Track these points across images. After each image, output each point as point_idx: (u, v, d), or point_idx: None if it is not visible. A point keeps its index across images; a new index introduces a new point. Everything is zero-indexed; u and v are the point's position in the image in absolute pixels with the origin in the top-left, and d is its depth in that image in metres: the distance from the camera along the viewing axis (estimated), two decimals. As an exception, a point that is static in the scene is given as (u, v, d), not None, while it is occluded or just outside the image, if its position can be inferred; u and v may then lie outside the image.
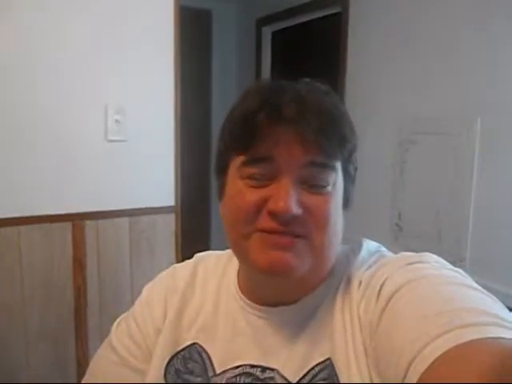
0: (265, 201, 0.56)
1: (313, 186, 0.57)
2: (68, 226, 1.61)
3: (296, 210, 0.54)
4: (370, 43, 2.39)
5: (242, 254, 0.61)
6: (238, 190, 0.58)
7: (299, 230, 0.56)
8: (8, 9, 1.47)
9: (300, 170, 0.56)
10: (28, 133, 1.54)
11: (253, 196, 0.57)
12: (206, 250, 0.80)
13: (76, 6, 1.58)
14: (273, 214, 0.55)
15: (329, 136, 0.56)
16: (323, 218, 0.57)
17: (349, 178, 0.62)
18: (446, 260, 0.55)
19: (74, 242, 1.63)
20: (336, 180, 0.59)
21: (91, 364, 0.74)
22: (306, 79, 0.62)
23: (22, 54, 1.51)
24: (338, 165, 0.59)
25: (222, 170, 0.62)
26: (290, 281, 0.59)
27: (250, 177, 0.57)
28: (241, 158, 0.58)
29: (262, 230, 0.56)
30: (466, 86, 1.90)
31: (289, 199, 0.54)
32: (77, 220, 1.62)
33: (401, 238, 2.19)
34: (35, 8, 1.52)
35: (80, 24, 1.59)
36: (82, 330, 1.65)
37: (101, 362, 0.72)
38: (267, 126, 0.55)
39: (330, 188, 0.58)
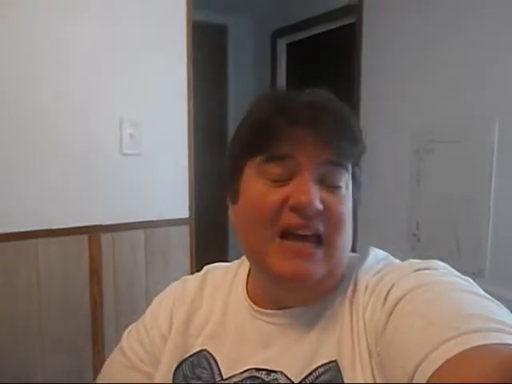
0: (286, 199, 0.57)
1: (329, 185, 0.59)
2: (84, 238, 1.64)
3: (318, 204, 0.56)
4: (385, 52, 2.38)
5: (260, 259, 0.61)
6: (259, 191, 0.59)
7: (320, 228, 0.57)
8: (25, 28, 1.52)
9: (317, 168, 0.58)
10: (44, 147, 1.58)
11: (274, 195, 0.58)
12: (224, 262, 0.82)
13: (91, 20, 1.62)
14: (296, 209, 0.56)
15: (343, 137, 0.59)
16: (339, 218, 0.59)
17: (355, 182, 0.64)
18: (464, 271, 0.55)
19: (91, 254, 1.65)
20: (348, 181, 0.61)
21: (103, 368, 0.77)
22: (311, 89, 0.64)
23: (37, 66, 1.55)
24: (350, 166, 0.61)
25: (237, 174, 0.64)
26: (307, 287, 0.60)
27: (271, 176, 0.59)
28: (260, 158, 0.59)
29: (284, 230, 0.57)
30: (482, 91, 1.87)
31: (311, 193, 0.56)
32: (93, 233, 1.65)
33: (418, 248, 2.15)
34: (52, 21, 1.56)
35: (94, 38, 1.63)
36: (98, 340, 1.67)
37: (111, 365, 0.75)
38: (286, 127, 0.58)
39: (343, 190, 0.60)
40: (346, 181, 0.60)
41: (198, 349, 0.68)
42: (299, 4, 3.12)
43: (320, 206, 0.56)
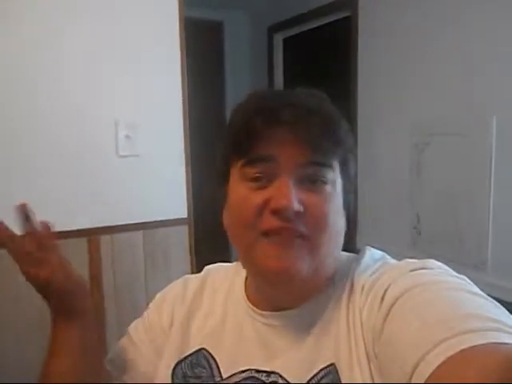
0: (267, 201, 0.57)
1: (312, 183, 0.58)
2: (84, 241, 1.64)
3: (297, 206, 0.56)
4: (381, 45, 2.36)
5: (250, 261, 0.62)
6: (241, 194, 0.60)
7: (301, 229, 0.57)
8: (22, 28, 1.52)
9: (299, 169, 0.58)
10: (41, 152, 1.57)
11: (255, 199, 0.58)
12: (225, 262, 0.83)
13: (89, 21, 1.62)
14: (275, 212, 0.56)
15: (325, 136, 0.58)
16: (322, 217, 0.58)
17: (348, 182, 0.64)
18: (467, 263, 0.55)
19: (90, 257, 1.65)
20: (335, 180, 0.60)
21: (109, 354, 0.79)
22: (302, 88, 0.64)
23: (33, 67, 1.55)
24: (336, 164, 0.60)
25: (224, 178, 0.64)
26: (295, 283, 0.60)
27: (251, 178, 0.59)
28: (241, 161, 0.60)
29: (266, 231, 0.58)
30: (480, 85, 1.86)
31: (290, 196, 0.55)
32: (92, 235, 1.65)
33: (420, 241, 2.15)
34: (49, 21, 1.56)
35: (90, 39, 1.63)
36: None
37: (116, 352, 0.77)
38: (266, 129, 0.58)
39: (328, 187, 0.59)
40: (331, 179, 0.60)
41: (197, 348, 0.68)
42: (294, -2, 3.10)
43: (300, 208, 0.56)
